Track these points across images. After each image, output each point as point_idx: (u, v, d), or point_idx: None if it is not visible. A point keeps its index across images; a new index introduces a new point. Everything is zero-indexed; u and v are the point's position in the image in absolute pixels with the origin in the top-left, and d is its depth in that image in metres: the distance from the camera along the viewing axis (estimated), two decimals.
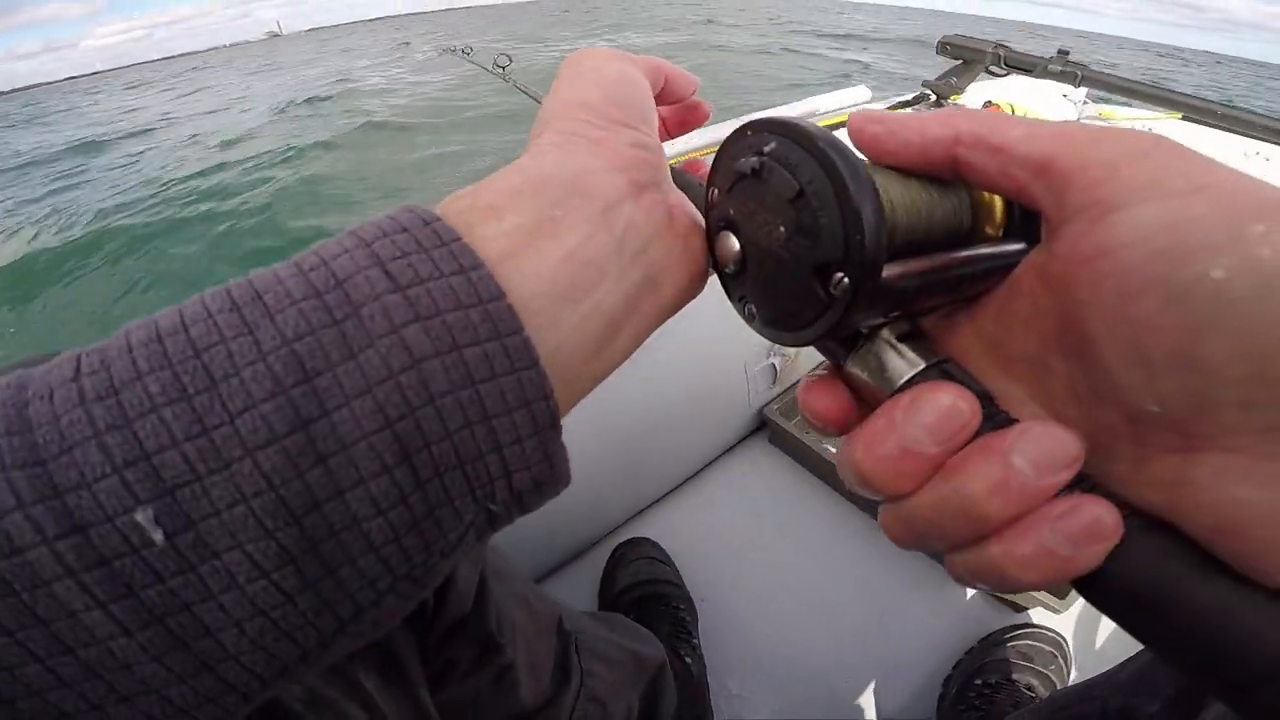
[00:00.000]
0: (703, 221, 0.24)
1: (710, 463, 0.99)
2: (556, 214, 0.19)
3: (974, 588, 0.18)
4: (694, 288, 0.24)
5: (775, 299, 0.21)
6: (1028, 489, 0.16)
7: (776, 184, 0.19)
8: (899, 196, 0.19)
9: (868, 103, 1.60)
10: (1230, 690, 0.15)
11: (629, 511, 0.91)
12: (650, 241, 0.22)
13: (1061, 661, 0.72)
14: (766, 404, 0.97)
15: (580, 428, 0.83)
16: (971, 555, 0.17)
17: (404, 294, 0.16)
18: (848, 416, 0.21)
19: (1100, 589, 0.16)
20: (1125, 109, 1.53)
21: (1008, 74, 1.57)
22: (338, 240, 0.17)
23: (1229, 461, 0.15)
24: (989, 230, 0.21)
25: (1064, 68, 1.46)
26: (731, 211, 0.21)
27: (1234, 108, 1.33)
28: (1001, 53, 1.53)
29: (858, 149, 0.20)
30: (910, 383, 0.19)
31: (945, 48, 1.61)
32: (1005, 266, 0.20)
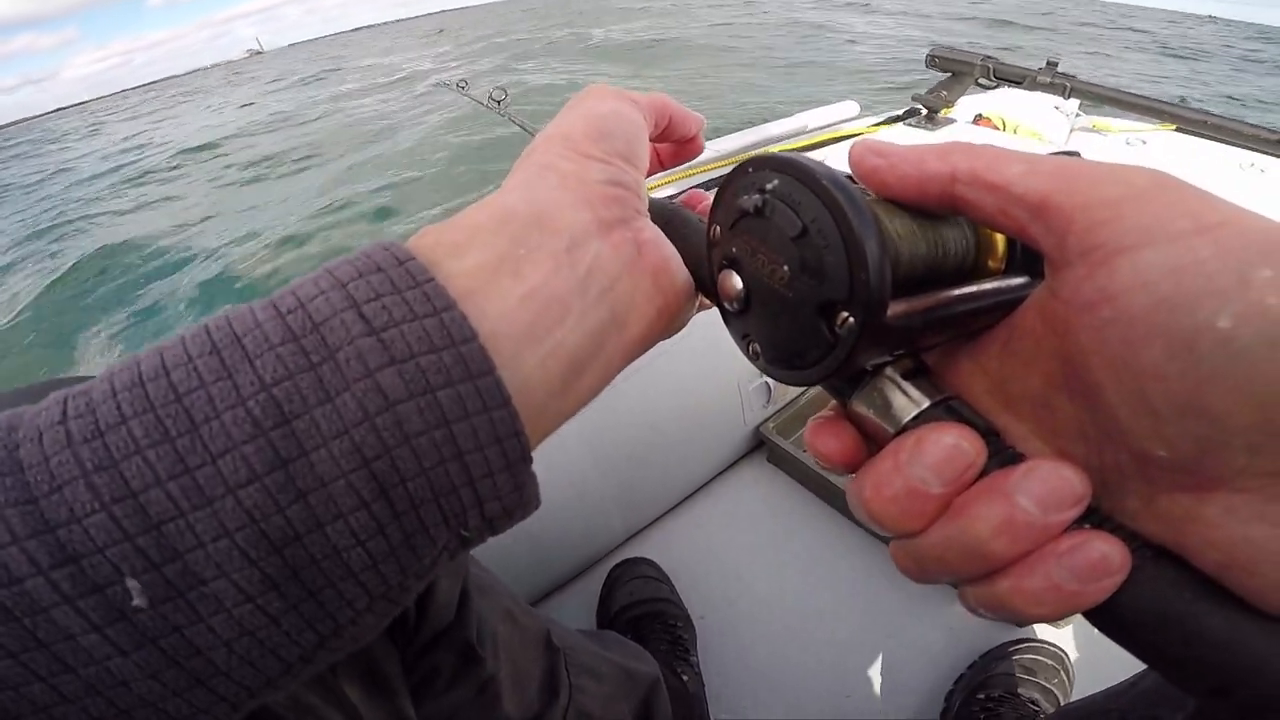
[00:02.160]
0: (678, 258, 0.24)
1: (708, 482, 0.99)
2: (519, 251, 0.20)
3: (985, 618, 0.18)
4: (664, 325, 0.24)
5: (779, 338, 0.20)
6: (1034, 527, 0.16)
7: (780, 222, 0.19)
8: (901, 231, 0.19)
9: (855, 118, 1.61)
10: (1240, 714, 0.15)
11: (627, 532, 0.91)
12: (617, 279, 0.22)
13: (1064, 676, 0.71)
14: (762, 422, 0.97)
15: (576, 449, 0.85)
16: (981, 590, 0.17)
17: (378, 337, 0.16)
18: (856, 456, 0.21)
19: (1109, 617, 0.16)
20: (1119, 120, 1.54)
21: (997, 86, 1.58)
22: (314, 280, 0.18)
23: (1239, 501, 0.15)
24: (991, 264, 0.21)
25: (1053, 79, 1.47)
26: (734, 249, 0.21)
27: (1228, 119, 1.34)
28: (990, 65, 1.54)
29: (858, 180, 0.20)
30: (916, 420, 0.19)
31: (934, 60, 1.62)
32: (1009, 302, 0.20)
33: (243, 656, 0.16)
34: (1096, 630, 0.17)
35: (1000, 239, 0.21)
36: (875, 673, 0.76)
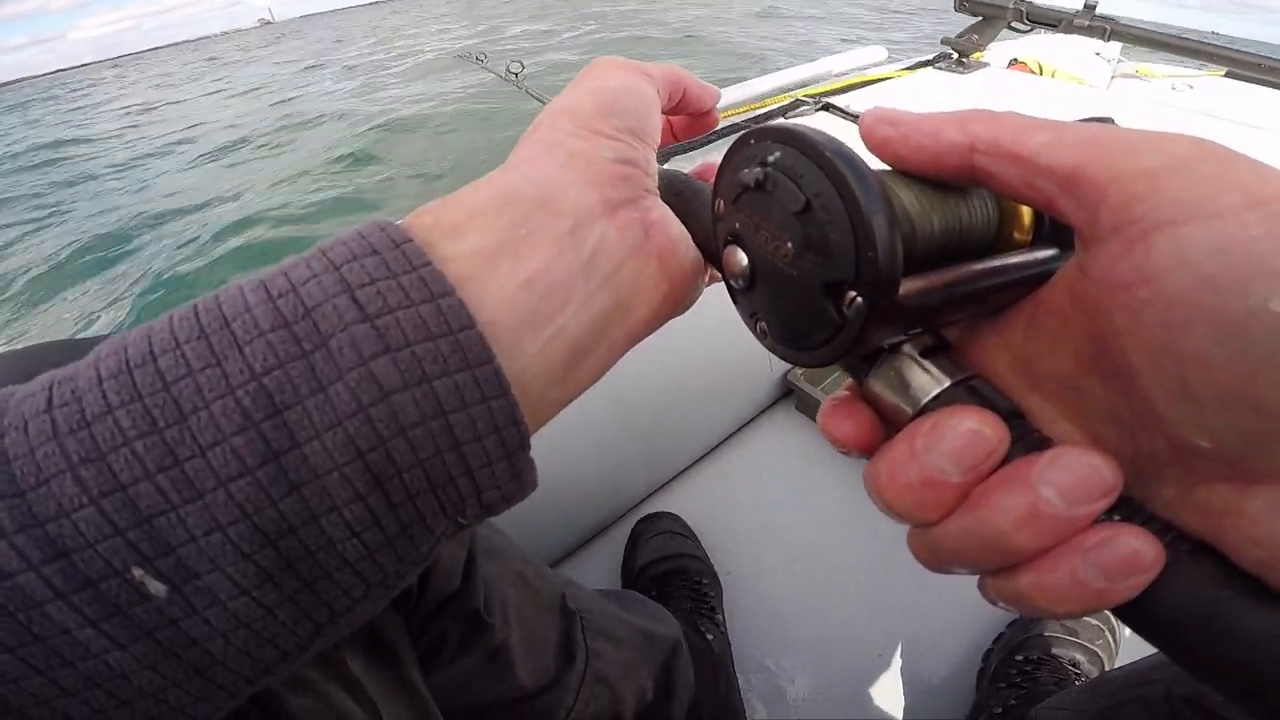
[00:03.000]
0: (688, 238, 0.24)
1: (734, 433, 0.95)
2: (520, 233, 0.19)
3: (1004, 610, 0.17)
4: (671, 309, 0.23)
5: (786, 317, 0.20)
6: (1059, 520, 0.15)
7: (782, 197, 0.18)
8: (915, 204, 0.18)
9: (883, 62, 1.55)
10: (1273, 717, 0.14)
11: (650, 487, 0.89)
12: (622, 263, 0.21)
13: (1109, 637, 0.68)
14: (790, 369, 0.94)
15: (595, 402, 0.81)
16: (1002, 582, 0.16)
17: (372, 324, 0.16)
18: (872, 439, 0.20)
19: (1140, 615, 0.15)
20: (1164, 65, 1.47)
21: (1031, 29, 1.52)
22: (307, 261, 0.17)
23: None
24: (1017, 236, 0.20)
25: (1091, 21, 1.40)
26: (738, 225, 0.20)
27: None
28: (1024, 7, 1.47)
29: (869, 152, 0.19)
30: (935, 401, 0.18)
31: (964, 4, 1.55)
32: (1037, 275, 0.19)
33: (240, 647, 0.16)
34: None
35: (1026, 210, 0.20)
36: (908, 631, 0.74)
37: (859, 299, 0.16)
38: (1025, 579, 0.16)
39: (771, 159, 0.18)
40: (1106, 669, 0.67)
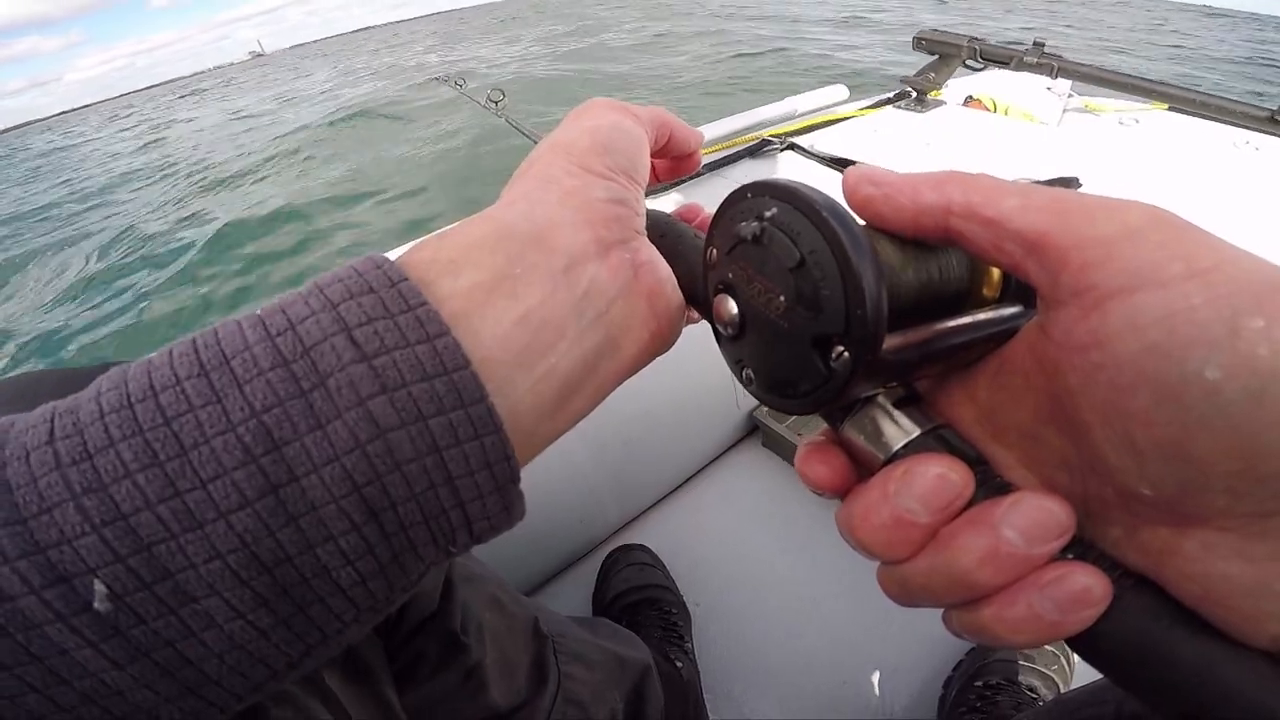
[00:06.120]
0: (674, 280, 0.24)
1: (703, 468, 0.97)
2: (516, 271, 0.19)
3: (966, 640, 0.18)
4: (656, 348, 0.24)
5: (774, 366, 0.20)
6: (1018, 559, 0.16)
7: (777, 251, 0.19)
8: (896, 261, 0.19)
9: (845, 101, 1.60)
10: None
11: (622, 519, 0.90)
12: (613, 302, 0.21)
13: (1064, 662, 0.70)
14: (756, 407, 0.96)
15: (570, 437, 0.80)
16: (965, 615, 0.18)
17: (370, 364, 0.16)
18: (845, 481, 0.21)
19: (1089, 645, 0.16)
20: (1112, 100, 1.54)
21: (984, 67, 1.58)
22: (304, 299, 0.17)
23: (1218, 539, 0.15)
24: (987, 293, 0.21)
25: (1040, 59, 1.46)
26: (730, 275, 0.21)
27: (1220, 96, 1.33)
28: (977, 46, 1.53)
29: (851, 209, 0.19)
30: (905, 448, 0.19)
31: (920, 43, 1.62)
32: (1003, 332, 0.20)
33: (233, 667, 0.17)
34: None
35: (995, 268, 0.21)
36: (872, 660, 0.75)
37: (846, 353, 0.17)
38: (986, 612, 0.17)
39: (769, 214, 0.19)
40: (1062, 692, 0.69)
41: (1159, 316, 0.14)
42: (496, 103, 1.46)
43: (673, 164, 0.32)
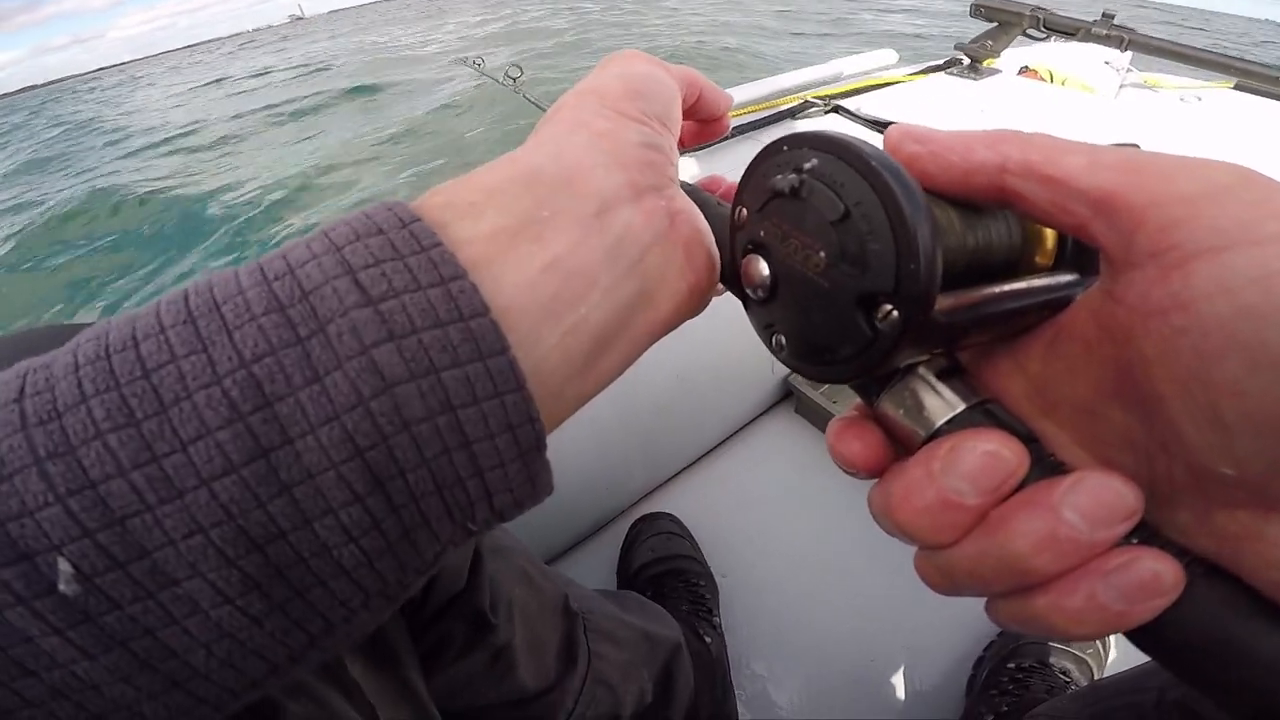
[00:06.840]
0: (709, 233, 0.23)
1: (733, 434, 0.95)
2: (543, 215, 0.18)
3: (1013, 631, 0.16)
4: (693, 304, 0.22)
5: (809, 331, 0.19)
6: (1080, 543, 0.15)
7: (818, 204, 0.17)
8: (945, 222, 0.18)
9: (893, 65, 1.54)
10: None
11: (648, 486, 0.89)
12: (648, 250, 0.20)
13: (1099, 646, 0.69)
14: (791, 372, 0.94)
15: (597, 401, 0.80)
16: (1015, 604, 0.16)
17: (376, 309, 0.15)
18: (881, 460, 0.20)
19: (1154, 636, 0.15)
20: (1174, 78, 1.46)
21: (1047, 37, 1.51)
22: (308, 243, 0.16)
23: None
24: (1039, 260, 0.20)
25: (1109, 31, 1.39)
26: (762, 233, 0.20)
27: None
28: (1041, 15, 1.46)
29: None
30: (950, 424, 0.18)
31: (979, 10, 1.54)
32: (1057, 301, 0.19)
33: (223, 659, 0.15)
34: None
35: (1050, 233, 0.20)
36: (901, 638, 0.74)
37: (895, 312, 0.16)
38: (1041, 601, 0.16)
39: (809, 166, 0.18)
40: (1096, 677, 0.67)
41: (1255, 277, 0.13)
42: (514, 80, 1.44)
43: (699, 127, 0.30)
